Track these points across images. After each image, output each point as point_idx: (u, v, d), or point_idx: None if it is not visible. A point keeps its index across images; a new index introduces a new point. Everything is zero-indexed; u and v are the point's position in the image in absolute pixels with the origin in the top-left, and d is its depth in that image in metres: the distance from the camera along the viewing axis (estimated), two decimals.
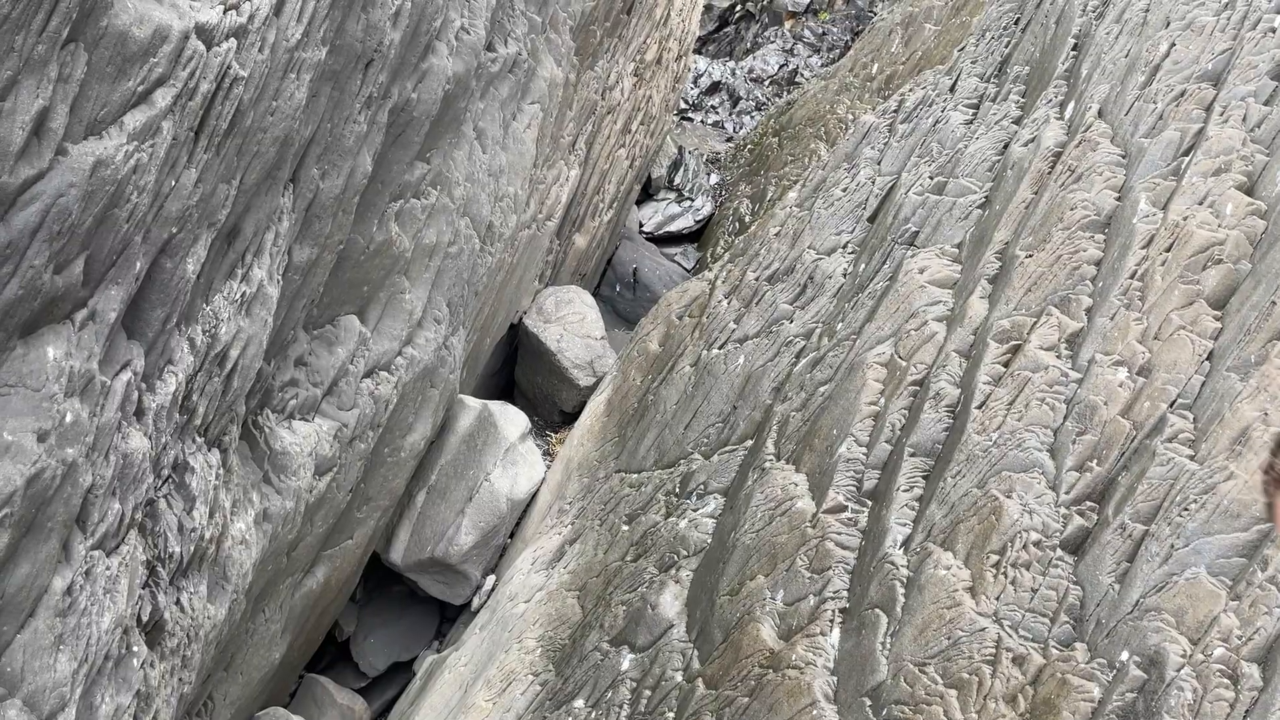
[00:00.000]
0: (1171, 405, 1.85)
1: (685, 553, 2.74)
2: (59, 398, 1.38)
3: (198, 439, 1.99)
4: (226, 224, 1.82)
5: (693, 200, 7.99)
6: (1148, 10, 2.55)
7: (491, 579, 3.52)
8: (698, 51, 12.48)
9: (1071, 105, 2.59)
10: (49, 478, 1.38)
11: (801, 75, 11.96)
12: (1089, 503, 1.88)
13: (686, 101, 11.17)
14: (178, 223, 1.62)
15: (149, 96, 1.44)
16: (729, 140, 10.21)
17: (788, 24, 12.71)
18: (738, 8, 13.34)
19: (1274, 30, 2.21)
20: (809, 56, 12.35)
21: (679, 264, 7.47)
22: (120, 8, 1.36)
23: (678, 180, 8.17)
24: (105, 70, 1.35)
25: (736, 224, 6.73)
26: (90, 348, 1.47)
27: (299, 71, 1.83)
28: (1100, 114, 2.46)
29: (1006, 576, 1.88)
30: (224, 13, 1.55)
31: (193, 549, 1.96)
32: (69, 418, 1.40)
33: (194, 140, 1.60)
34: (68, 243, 1.35)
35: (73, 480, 1.44)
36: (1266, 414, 1.66)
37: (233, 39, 1.58)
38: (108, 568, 1.60)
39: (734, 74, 11.97)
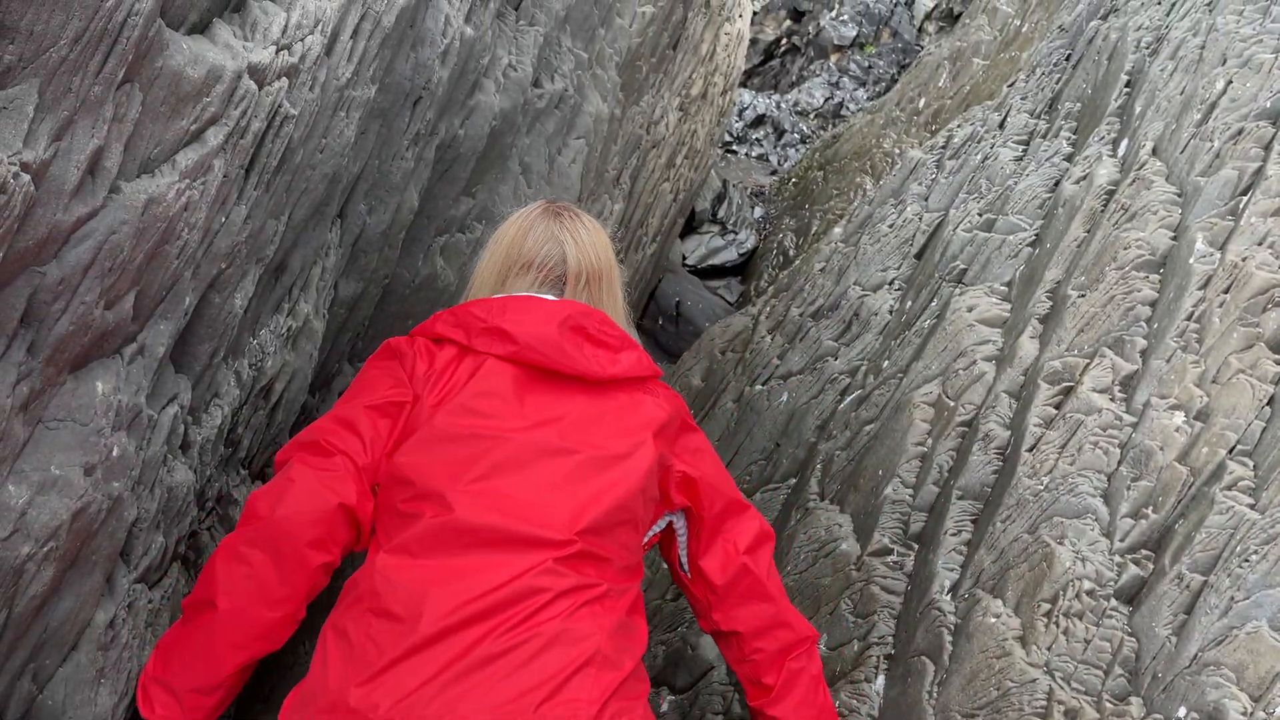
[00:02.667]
0: (1231, 451, 1.80)
1: None
2: (106, 431, 1.39)
3: (241, 471, 2.00)
4: (274, 259, 1.83)
5: (736, 233, 7.99)
6: (1203, 47, 2.51)
7: None
8: (743, 85, 12.53)
9: (1125, 143, 2.55)
10: (95, 511, 1.39)
11: (847, 109, 11.94)
12: (1145, 551, 1.83)
13: (731, 134, 11.20)
14: (227, 258, 1.63)
15: (201, 135, 1.46)
16: (773, 174, 10.20)
17: (833, 57, 12.74)
18: (783, 41, 13.41)
19: None
20: (855, 90, 12.35)
21: (722, 297, 7.46)
22: (175, 49, 1.38)
23: (721, 213, 8.18)
24: (159, 110, 1.36)
25: (780, 257, 6.70)
26: (139, 382, 1.48)
27: (348, 110, 1.85)
28: (1154, 152, 2.41)
29: (1058, 626, 1.82)
30: (276, 53, 1.57)
31: None
32: (116, 451, 1.41)
33: (244, 177, 1.61)
34: (119, 279, 1.36)
35: (118, 514, 1.45)
36: None
37: (284, 78, 1.60)
38: (150, 601, 1.60)
39: (779, 107, 11.99)
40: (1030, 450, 2.07)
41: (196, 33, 1.48)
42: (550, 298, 1.86)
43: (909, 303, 2.94)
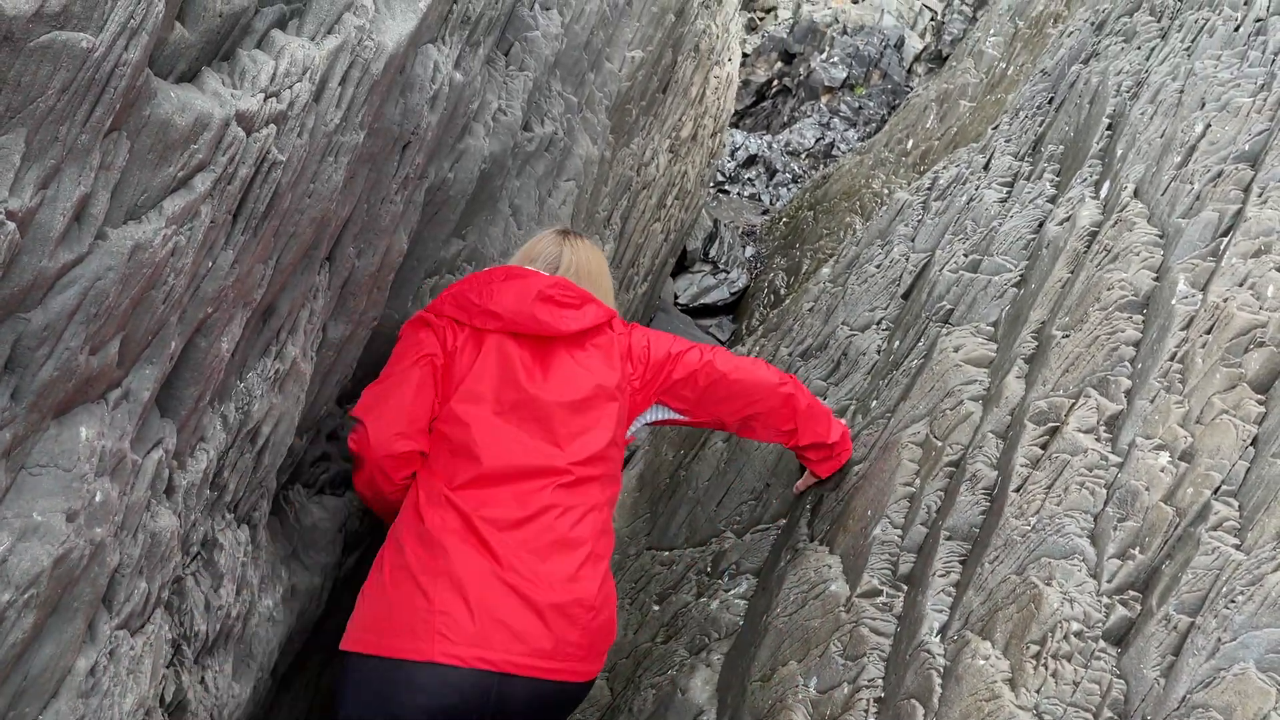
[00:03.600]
0: (1216, 492, 1.80)
1: (716, 635, 2.69)
2: (89, 477, 1.38)
3: (227, 515, 1.99)
4: (262, 303, 1.84)
5: (728, 272, 8.03)
6: (1182, 91, 2.55)
7: None
8: (735, 125, 12.65)
9: (1107, 185, 2.58)
10: (76, 558, 1.38)
11: (838, 149, 12.05)
12: (1132, 592, 1.83)
13: (723, 174, 11.28)
14: (213, 303, 1.64)
15: (189, 181, 1.47)
16: (765, 213, 10.26)
17: (824, 98, 12.89)
18: (775, 83, 13.56)
19: None
20: (845, 130, 12.48)
21: (714, 336, 7.48)
22: (163, 97, 1.39)
23: (713, 253, 8.23)
24: (147, 157, 1.38)
25: (771, 296, 6.73)
26: (123, 427, 1.48)
27: (337, 155, 1.87)
28: (1136, 194, 2.44)
29: (1047, 668, 1.81)
30: (264, 100, 1.58)
31: (219, 627, 1.95)
32: (99, 497, 1.41)
33: (232, 222, 1.62)
34: (104, 325, 1.37)
35: (100, 560, 1.44)
36: None
37: (272, 125, 1.62)
38: (132, 647, 1.59)
39: (770, 147, 12.10)
40: (1017, 490, 2.07)
41: (185, 81, 1.50)
42: (535, 269, 2.44)
43: (896, 342, 2.95)
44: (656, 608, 2.95)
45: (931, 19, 13.22)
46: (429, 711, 2.00)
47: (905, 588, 2.24)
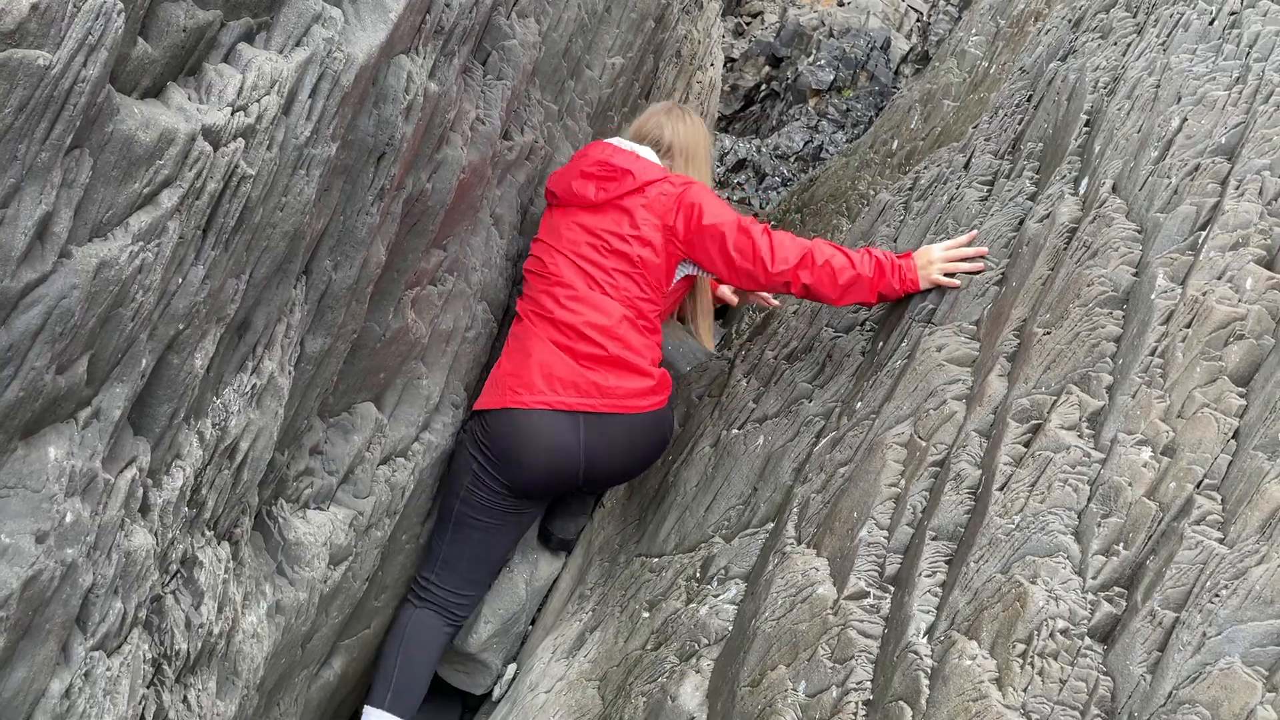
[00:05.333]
0: (1198, 486, 1.80)
1: (706, 641, 2.67)
2: (59, 498, 1.37)
3: (207, 532, 1.97)
4: (236, 318, 1.83)
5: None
6: (1158, 86, 2.55)
7: (512, 668, 3.45)
8: (725, 130, 12.65)
9: (1085, 181, 2.58)
10: (47, 579, 1.37)
11: (826, 151, 12.07)
12: (1117, 588, 1.82)
13: (713, 179, 11.27)
14: (185, 319, 1.63)
15: (155, 198, 1.46)
16: (754, 216, 10.26)
17: (812, 102, 12.90)
18: (763, 87, 13.57)
19: None
20: (834, 132, 12.49)
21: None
22: (127, 113, 1.38)
23: None
24: (110, 174, 1.37)
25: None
26: (94, 446, 1.47)
27: (309, 168, 1.86)
28: (1114, 189, 2.44)
29: (1034, 667, 1.81)
30: (232, 114, 1.58)
31: (200, 645, 1.94)
32: (69, 518, 1.40)
33: (201, 238, 1.61)
34: (70, 343, 1.35)
35: (72, 581, 1.43)
36: None
37: (241, 139, 1.61)
38: (108, 669, 1.57)
39: (759, 151, 12.11)
40: (1001, 489, 2.07)
41: (150, 96, 1.49)
42: (616, 142, 3.17)
43: (880, 343, 2.95)
44: (646, 615, 2.94)
45: (917, 20, 13.25)
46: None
47: (892, 589, 2.23)
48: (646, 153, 3.11)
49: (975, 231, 2.87)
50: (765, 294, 3.72)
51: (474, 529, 3.04)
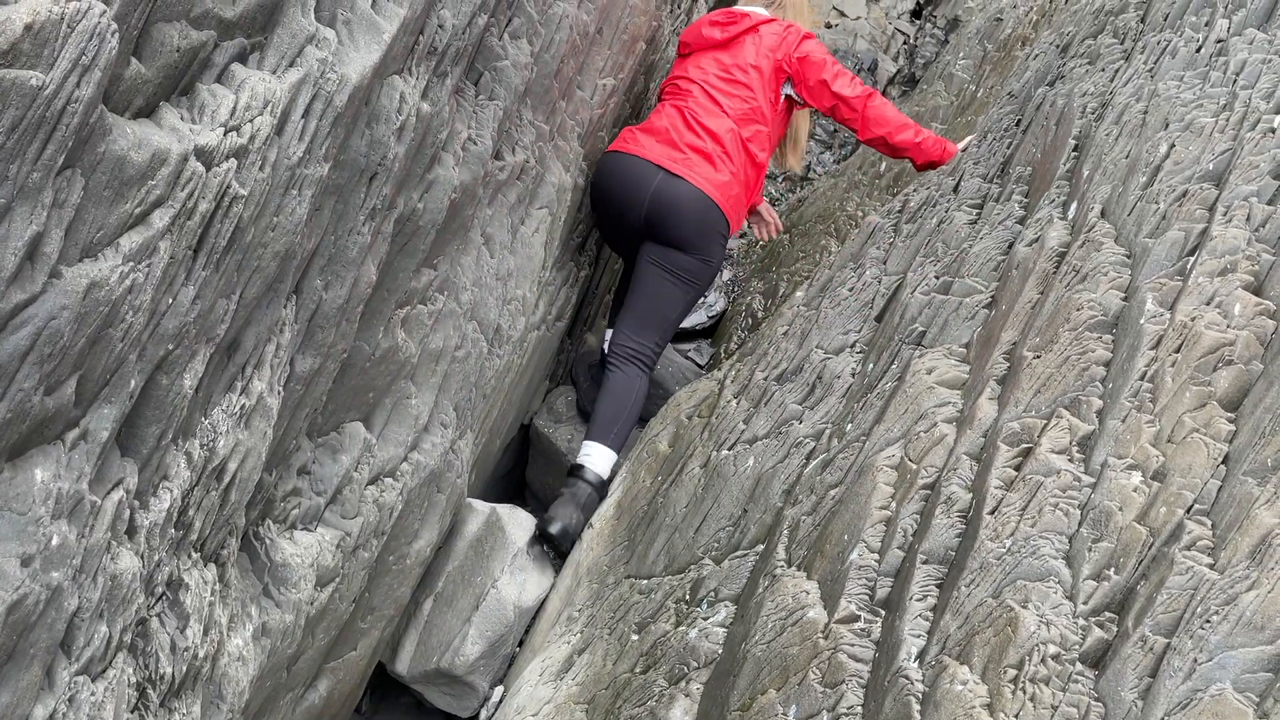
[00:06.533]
0: (1188, 511, 1.80)
1: (695, 664, 2.66)
2: (45, 521, 1.36)
3: (194, 554, 1.96)
4: (226, 338, 1.82)
5: (706, 297, 8.02)
6: (1146, 112, 2.57)
7: (499, 690, 3.42)
8: None
9: (1074, 205, 2.60)
10: (32, 603, 1.35)
11: (815, 172, 12.11)
12: (1108, 613, 1.82)
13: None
14: (174, 339, 1.62)
15: (146, 218, 1.45)
16: (742, 236, 10.28)
17: None
18: None
19: (1274, 130, 2.22)
20: (821, 153, 12.53)
21: (693, 360, 7.46)
22: (119, 134, 1.38)
23: None
24: (102, 194, 1.36)
25: (749, 319, 6.73)
26: (81, 468, 1.45)
27: (301, 188, 1.85)
28: (1103, 214, 2.46)
29: (1025, 692, 1.80)
30: (224, 135, 1.57)
31: (186, 668, 1.92)
32: (55, 541, 1.38)
33: (192, 258, 1.60)
34: (59, 364, 1.34)
35: (57, 605, 1.41)
36: None
37: (233, 159, 1.60)
38: (93, 693, 1.55)
39: None
40: (991, 513, 2.07)
41: (143, 116, 1.49)
42: (748, 9, 4.06)
43: (870, 365, 2.95)
44: (635, 637, 2.92)
45: (904, 42, 13.35)
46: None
47: (883, 613, 2.22)
48: (759, 9, 4.07)
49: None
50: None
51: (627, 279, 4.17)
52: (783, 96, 3.97)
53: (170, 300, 1.58)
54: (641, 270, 3.92)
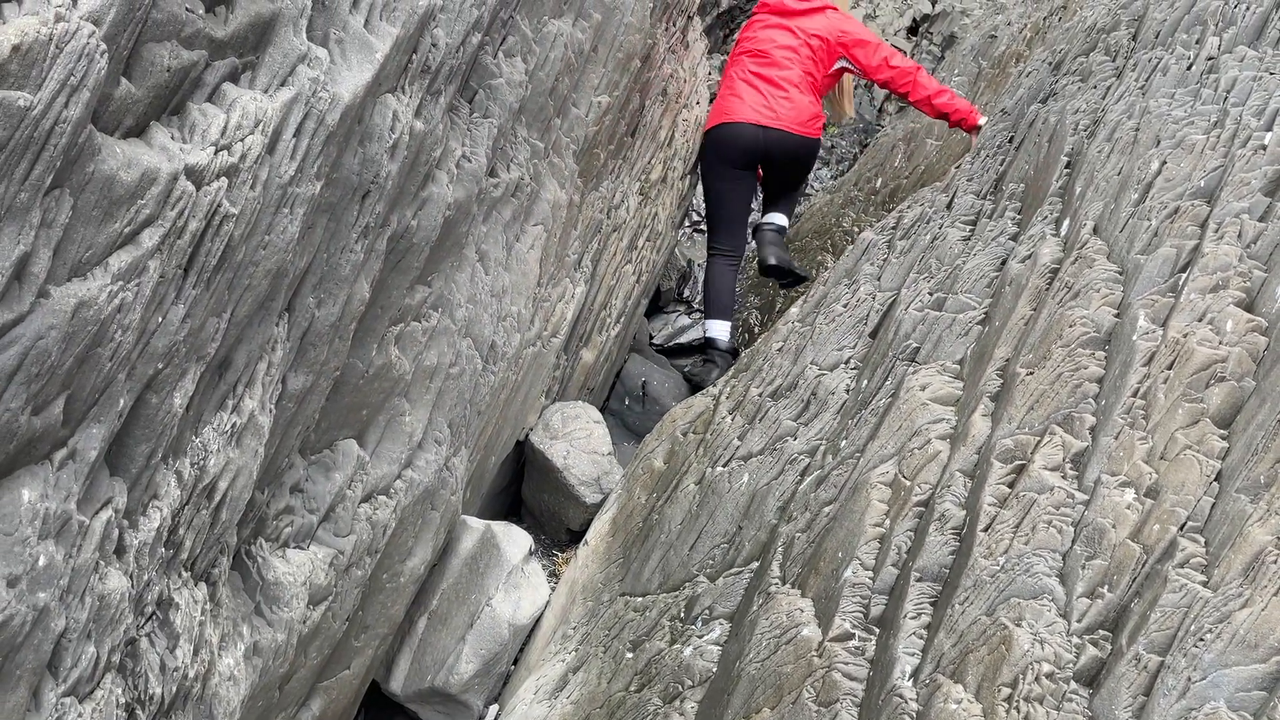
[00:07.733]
0: (1181, 528, 1.80)
1: (690, 683, 2.65)
2: (32, 541, 1.35)
3: (184, 573, 1.95)
4: (217, 356, 1.81)
5: (702, 312, 8.02)
6: (1138, 129, 2.58)
7: (494, 709, 3.40)
8: None
9: (1067, 222, 2.60)
10: (19, 624, 1.34)
11: (811, 188, 12.13)
12: (1102, 631, 1.81)
13: (699, 214, 11.30)
14: (164, 358, 1.61)
15: (136, 237, 1.45)
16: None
17: None
18: None
19: (1264, 147, 2.23)
20: (818, 169, 12.56)
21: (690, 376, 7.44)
22: (108, 153, 1.38)
23: (686, 293, 8.23)
24: (91, 214, 1.36)
25: (745, 335, 6.73)
26: (69, 488, 1.45)
27: (292, 206, 1.85)
28: (1095, 231, 2.46)
29: (1019, 711, 1.79)
30: (215, 154, 1.57)
31: (176, 689, 1.90)
32: (42, 561, 1.37)
33: (183, 276, 1.60)
34: (47, 384, 1.34)
35: (44, 626, 1.40)
36: None
37: (224, 178, 1.60)
38: (80, 715, 1.54)
39: None
40: (985, 530, 2.06)
41: (132, 136, 1.49)
42: None
43: (864, 381, 2.95)
44: (630, 655, 2.91)
45: None
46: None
47: (877, 631, 2.22)
48: None
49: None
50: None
51: (723, 196, 5.43)
52: (835, 67, 5.12)
53: (160, 319, 1.57)
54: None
